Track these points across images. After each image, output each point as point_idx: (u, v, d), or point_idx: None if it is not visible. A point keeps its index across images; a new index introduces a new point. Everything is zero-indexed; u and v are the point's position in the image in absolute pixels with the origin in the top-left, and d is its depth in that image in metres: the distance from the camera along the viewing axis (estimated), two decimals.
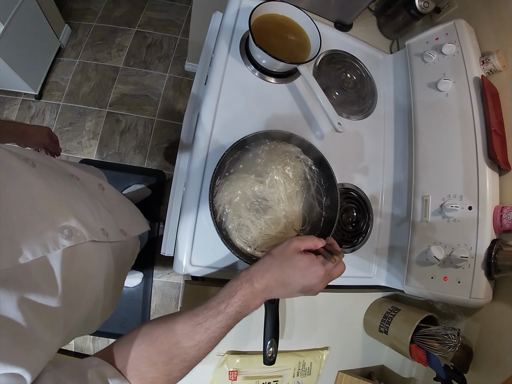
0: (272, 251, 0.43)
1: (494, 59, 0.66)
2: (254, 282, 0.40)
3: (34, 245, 0.31)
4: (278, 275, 0.40)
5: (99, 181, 0.57)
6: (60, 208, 0.38)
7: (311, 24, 0.71)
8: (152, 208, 1.56)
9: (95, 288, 0.43)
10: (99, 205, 0.49)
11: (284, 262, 0.41)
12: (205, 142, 0.65)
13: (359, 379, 0.67)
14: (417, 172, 0.72)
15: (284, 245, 0.42)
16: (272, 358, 0.54)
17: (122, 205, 0.59)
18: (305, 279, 0.41)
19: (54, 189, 0.39)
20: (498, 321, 0.58)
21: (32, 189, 0.35)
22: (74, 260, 0.37)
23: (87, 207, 0.44)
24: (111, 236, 0.47)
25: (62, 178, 0.44)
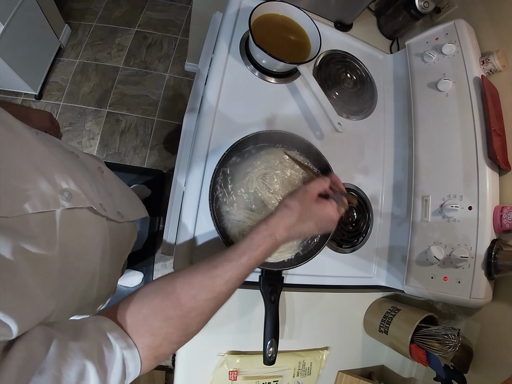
0: (289, 202, 0.42)
1: (494, 59, 0.66)
2: (277, 236, 0.40)
3: (34, 200, 0.31)
4: (300, 226, 0.42)
5: (98, 164, 0.57)
6: (62, 172, 0.38)
7: (311, 24, 0.71)
8: (152, 208, 1.56)
9: (91, 262, 0.43)
10: (98, 184, 0.49)
11: (304, 213, 0.42)
12: (205, 142, 0.65)
13: (359, 379, 0.67)
14: (417, 172, 0.72)
15: (300, 196, 0.43)
16: (272, 358, 0.54)
17: (121, 189, 0.59)
18: (323, 224, 0.44)
19: (56, 155, 0.40)
20: (498, 321, 0.58)
21: (35, 151, 0.35)
22: (72, 224, 0.37)
23: (86, 180, 0.44)
24: (109, 213, 0.46)
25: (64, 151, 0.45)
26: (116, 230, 0.52)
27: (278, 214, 0.42)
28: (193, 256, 0.60)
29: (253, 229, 0.41)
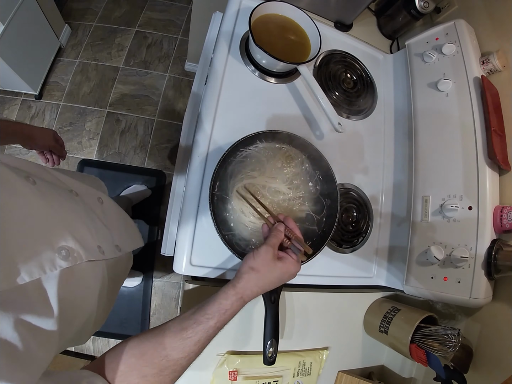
0: (254, 264, 0.44)
1: (494, 59, 0.66)
2: (245, 298, 0.43)
3: (31, 266, 0.31)
4: (266, 285, 0.45)
5: (98, 194, 0.57)
6: (59, 228, 0.38)
7: (311, 24, 0.71)
8: (152, 209, 1.56)
9: (89, 304, 0.44)
10: (97, 221, 0.49)
11: (268, 273, 0.44)
12: (205, 142, 0.65)
13: (359, 379, 0.67)
14: (417, 172, 0.72)
15: (263, 257, 0.44)
16: (272, 358, 0.54)
17: (119, 220, 0.59)
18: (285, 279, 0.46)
19: (53, 207, 0.39)
20: (498, 321, 0.58)
21: (31, 208, 0.35)
22: (70, 280, 0.37)
23: (85, 224, 0.44)
24: (107, 254, 0.47)
25: (62, 194, 0.44)
26: (113, 264, 0.52)
27: (245, 277, 0.43)
28: (193, 256, 0.60)
29: (221, 291, 0.43)
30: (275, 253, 0.45)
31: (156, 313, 1.49)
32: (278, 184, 0.62)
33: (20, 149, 1.59)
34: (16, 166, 0.41)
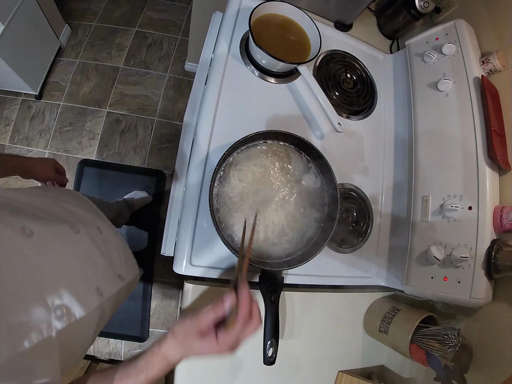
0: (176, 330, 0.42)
1: (494, 59, 0.66)
2: (169, 357, 0.42)
3: (30, 331, 0.31)
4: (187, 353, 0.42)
5: (97, 223, 0.56)
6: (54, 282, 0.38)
7: (311, 24, 0.71)
8: (152, 209, 1.56)
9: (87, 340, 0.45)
10: (97, 255, 0.49)
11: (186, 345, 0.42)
12: (205, 142, 0.65)
13: (359, 379, 0.67)
14: (417, 172, 0.72)
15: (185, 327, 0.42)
16: (272, 358, 0.54)
17: (118, 246, 0.58)
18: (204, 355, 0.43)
19: (50, 259, 0.39)
20: (498, 321, 0.58)
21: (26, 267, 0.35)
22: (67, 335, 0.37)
23: (83, 267, 0.44)
24: (106, 293, 0.47)
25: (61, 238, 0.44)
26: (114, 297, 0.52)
27: (168, 339, 0.42)
28: (193, 256, 0.60)
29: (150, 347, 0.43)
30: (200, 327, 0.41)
31: (156, 313, 1.49)
32: (277, 183, 0.62)
33: (20, 148, 1.59)
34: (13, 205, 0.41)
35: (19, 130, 1.61)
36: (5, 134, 1.60)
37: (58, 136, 1.62)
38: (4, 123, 1.61)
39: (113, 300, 0.51)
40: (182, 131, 0.75)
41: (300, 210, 0.64)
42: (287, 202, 0.63)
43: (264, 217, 0.61)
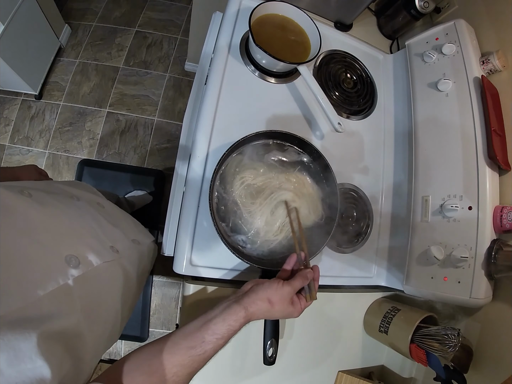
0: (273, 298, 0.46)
1: (494, 59, 0.66)
2: (252, 319, 0.45)
3: (43, 281, 0.31)
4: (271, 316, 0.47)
5: (97, 199, 0.56)
6: (64, 237, 0.38)
7: (311, 24, 0.71)
8: (152, 208, 1.56)
9: (114, 305, 0.44)
10: (104, 222, 0.49)
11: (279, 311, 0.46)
12: (205, 142, 0.65)
13: (359, 379, 0.67)
14: (417, 172, 0.72)
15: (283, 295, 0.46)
16: (272, 358, 0.54)
17: (126, 219, 0.59)
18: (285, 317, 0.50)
19: (56, 216, 0.39)
20: (498, 321, 0.58)
21: (32, 223, 0.35)
22: (87, 285, 0.37)
23: (91, 228, 0.44)
24: (123, 252, 0.47)
25: (62, 202, 0.44)
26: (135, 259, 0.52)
27: (259, 304, 0.45)
28: (193, 256, 0.60)
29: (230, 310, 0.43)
30: (292, 297, 0.48)
31: (156, 313, 1.49)
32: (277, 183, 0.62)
33: (20, 148, 1.59)
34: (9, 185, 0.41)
35: (19, 130, 1.61)
36: (5, 134, 1.60)
37: (58, 136, 1.62)
38: (4, 123, 1.61)
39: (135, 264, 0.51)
40: (182, 131, 0.75)
41: (300, 210, 0.64)
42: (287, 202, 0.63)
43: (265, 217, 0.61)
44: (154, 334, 1.47)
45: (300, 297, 0.49)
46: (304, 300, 0.49)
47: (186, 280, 0.64)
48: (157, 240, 1.53)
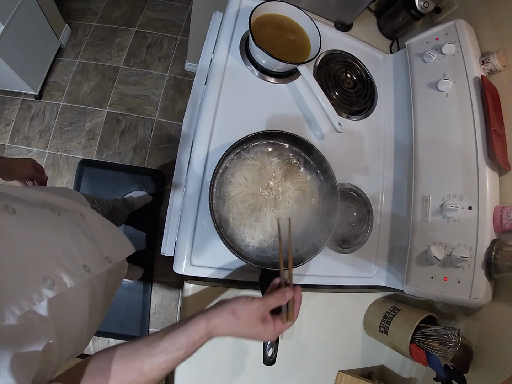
0: (238, 311, 0.42)
1: (494, 59, 0.66)
2: (214, 334, 0.42)
3: (20, 300, 0.32)
4: (237, 334, 0.43)
5: (79, 209, 0.56)
6: (42, 257, 0.39)
7: (311, 24, 0.71)
8: (152, 209, 1.56)
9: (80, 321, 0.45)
10: (82, 237, 0.49)
11: (245, 327, 0.43)
12: (205, 142, 0.65)
13: (359, 379, 0.67)
14: (417, 172, 0.72)
15: (251, 310, 0.42)
16: (272, 358, 0.54)
17: (105, 230, 0.58)
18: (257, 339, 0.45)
19: (35, 235, 0.40)
20: (498, 321, 0.58)
21: (12, 241, 0.36)
22: (59, 305, 0.38)
23: (68, 246, 0.45)
24: (94, 270, 0.47)
25: (43, 218, 0.45)
26: (105, 277, 0.53)
27: (223, 316, 0.42)
28: (193, 256, 0.60)
29: (193, 321, 0.41)
30: (263, 314, 0.44)
31: (156, 313, 1.49)
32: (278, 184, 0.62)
33: (20, 148, 1.59)
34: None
35: (19, 130, 1.61)
36: (5, 134, 1.60)
37: (58, 136, 1.62)
38: (4, 123, 1.61)
39: (103, 280, 0.51)
40: (182, 131, 0.75)
41: (300, 210, 0.64)
42: (287, 202, 0.63)
43: (265, 217, 0.61)
44: None
45: (275, 318, 0.45)
46: (279, 321, 0.45)
47: (186, 280, 0.64)
48: (158, 234, 1.53)
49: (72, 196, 0.67)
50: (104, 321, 0.57)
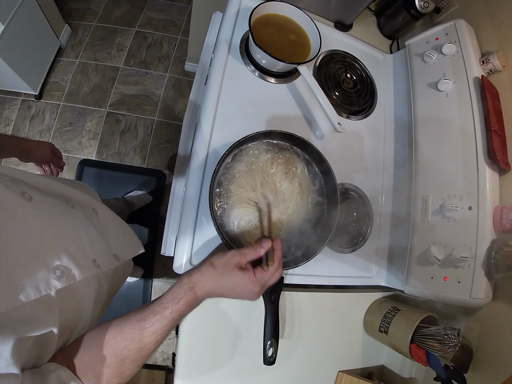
0: (215, 261, 0.43)
1: (494, 59, 0.66)
2: (197, 290, 0.42)
3: (27, 288, 0.32)
4: (218, 286, 0.43)
5: (92, 204, 0.57)
6: (54, 246, 0.39)
7: (311, 24, 0.71)
8: (152, 209, 1.56)
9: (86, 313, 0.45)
10: (93, 232, 0.50)
11: (223, 275, 0.43)
12: (205, 142, 0.65)
13: (359, 379, 0.67)
14: (417, 172, 0.72)
15: (226, 258, 0.43)
16: (272, 358, 0.54)
17: (116, 228, 0.59)
18: (242, 294, 0.44)
19: (49, 224, 0.40)
20: (498, 321, 0.58)
21: (27, 228, 0.36)
22: (67, 297, 0.38)
23: (80, 239, 0.45)
24: (103, 266, 0.48)
25: (58, 209, 0.45)
26: (111, 274, 0.53)
27: (202, 269, 0.43)
28: (193, 256, 0.60)
29: (177, 281, 0.43)
30: (240, 261, 0.44)
31: None
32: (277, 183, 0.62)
33: None
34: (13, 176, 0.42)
35: (19, 130, 1.61)
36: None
37: (58, 136, 1.62)
38: (4, 123, 1.61)
39: (109, 277, 0.52)
40: (182, 131, 0.75)
41: (300, 209, 0.64)
42: (287, 201, 0.63)
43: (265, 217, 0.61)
44: None
45: (256, 267, 0.45)
46: (260, 270, 0.44)
47: None
48: (157, 238, 1.53)
49: (85, 190, 0.67)
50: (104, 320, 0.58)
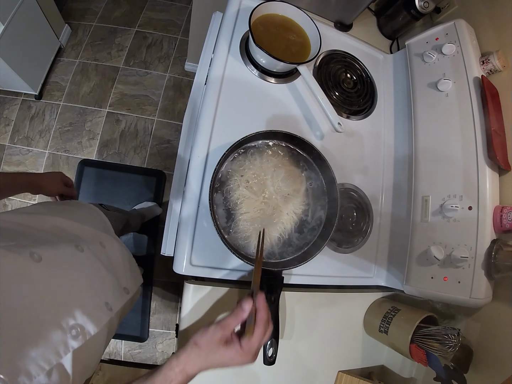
0: (198, 340, 0.42)
1: (494, 59, 0.66)
2: (188, 370, 0.41)
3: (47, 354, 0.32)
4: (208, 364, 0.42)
5: (100, 238, 0.56)
6: (66, 305, 0.38)
7: (311, 24, 0.71)
8: None
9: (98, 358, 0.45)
10: (103, 271, 0.49)
11: (210, 354, 0.41)
12: (205, 142, 0.65)
13: (359, 379, 0.67)
14: (417, 172, 0.72)
15: (209, 335, 0.41)
16: (272, 358, 0.54)
17: (123, 258, 0.58)
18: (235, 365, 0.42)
19: (61, 282, 0.40)
20: (498, 321, 0.58)
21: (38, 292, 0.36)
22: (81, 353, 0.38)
23: (91, 284, 0.45)
24: (115, 307, 0.48)
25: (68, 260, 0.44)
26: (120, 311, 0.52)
27: (188, 351, 0.42)
28: (193, 256, 0.60)
29: (167, 362, 0.42)
30: (224, 335, 0.41)
31: (156, 313, 1.49)
32: (278, 184, 0.62)
33: (20, 148, 1.59)
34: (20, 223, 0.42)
35: (19, 130, 1.61)
36: (5, 134, 1.60)
37: (58, 136, 1.62)
38: (4, 123, 1.61)
39: (119, 313, 0.51)
40: (182, 131, 0.75)
41: (300, 209, 0.64)
42: (287, 202, 0.63)
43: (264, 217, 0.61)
44: (154, 334, 1.47)
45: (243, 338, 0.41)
46: (246, 339, 0.41)
47: (186, 280, 0.64)
48: (158, 234, 1.53)
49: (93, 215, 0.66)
50: None
